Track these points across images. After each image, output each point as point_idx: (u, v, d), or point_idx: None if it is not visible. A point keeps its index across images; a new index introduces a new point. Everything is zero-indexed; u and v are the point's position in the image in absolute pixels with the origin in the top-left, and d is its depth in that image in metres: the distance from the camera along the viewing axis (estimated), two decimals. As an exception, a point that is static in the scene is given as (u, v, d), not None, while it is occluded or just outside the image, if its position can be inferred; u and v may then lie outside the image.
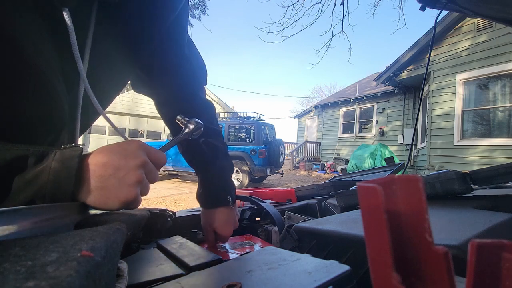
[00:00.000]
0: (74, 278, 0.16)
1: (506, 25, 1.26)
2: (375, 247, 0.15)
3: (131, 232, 0.43)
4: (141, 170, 0.40)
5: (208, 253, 0.45)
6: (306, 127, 15.62)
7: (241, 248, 0.61)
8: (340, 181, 1.22)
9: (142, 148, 0.43)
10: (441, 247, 0.15)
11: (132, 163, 0.40)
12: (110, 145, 0.42)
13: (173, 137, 0.61)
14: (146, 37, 0.61)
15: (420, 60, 7.77)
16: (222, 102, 15.51)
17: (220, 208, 0.67)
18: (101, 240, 0.24)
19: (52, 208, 0.38)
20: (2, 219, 0.29)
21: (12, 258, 0.19)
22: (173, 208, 4.29)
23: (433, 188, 0.70)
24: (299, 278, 0.31)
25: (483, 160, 6.00)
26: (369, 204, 0.16)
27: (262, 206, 0.75)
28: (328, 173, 10.60)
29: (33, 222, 0.31)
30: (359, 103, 11.72)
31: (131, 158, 0.40)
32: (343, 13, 4.98)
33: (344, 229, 0.48)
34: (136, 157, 0.41)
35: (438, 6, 1.18)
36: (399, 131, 9.99)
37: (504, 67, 5.87)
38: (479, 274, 0.16)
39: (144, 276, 0.36)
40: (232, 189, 0.72)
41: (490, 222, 0.46)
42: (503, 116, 6.02)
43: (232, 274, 0.33)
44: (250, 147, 6.97)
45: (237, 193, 0.79)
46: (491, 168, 0.72)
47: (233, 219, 0.68)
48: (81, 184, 0.38)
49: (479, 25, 6.30)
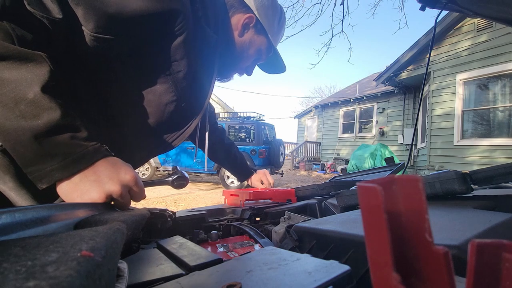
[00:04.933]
0: (74, 278, 0.16)
1: (506, 25, 1.26)
2: (375, 247, 0.15)
3: (131, 232, 0.43)
4: (108, 196, 0.49)
5: (208, 253, 0.45)
6: (306, 127, 15.62)
7: (241, 248, 0.61)
8: (340, 181, 1.22)
9: (131, 182, 0.52)
10: (441, 247, 0.15)
11: (107, 188, 0.48)
12: (118, 163, 0.52)
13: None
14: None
15: (420, 60, 7.77)
16: (222, 102, 15.52)
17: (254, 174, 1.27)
18: (101, 240, 0.24)
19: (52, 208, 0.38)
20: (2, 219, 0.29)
21: (12, 258, 0.19)
22: (173, 208, 4.29)
23: (433, 188, 0.70)
24: (299, 278, 0.31)
25: (483, 160, 5.99)
26: (369, 204, 0.16)
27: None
28: (328, 173, 10.59)
29: (33, 222, 0.31)
30: (359, 103, 11.72)
31: (112, 183, 0.49)
32: (343, 13, 4.98)
33: (344, 229, 0.48)
34: (115, 185, 0.49)
35: (438, 6, 1.18)
36: (399, 131, 9.99)
37: (504, 67, 5.87)
38: (479, 274, 0.16)
39: (144, 276, 0.36)
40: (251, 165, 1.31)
41: (490, 222, 0.46)
42: (503, 116, 6.02)
43: (232, 274, 0.33)
44: (250, 147, 6.97)
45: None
46: (491, 168, 0.72)
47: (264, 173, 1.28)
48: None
49: (479, 25, 6.30)
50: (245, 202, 0.92)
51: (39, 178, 0.46)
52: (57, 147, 0.46)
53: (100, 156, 0.50)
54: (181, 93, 0.70)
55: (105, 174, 0.49)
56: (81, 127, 0.49)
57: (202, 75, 0.76)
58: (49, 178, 0.46)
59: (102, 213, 0.48)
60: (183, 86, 0.70)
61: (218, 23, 0.75)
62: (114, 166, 0.51)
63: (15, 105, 0.44)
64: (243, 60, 0.84)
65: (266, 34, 0.82)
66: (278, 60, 0.93)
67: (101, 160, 0.50)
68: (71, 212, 0.42)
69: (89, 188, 0.47)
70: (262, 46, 0.84)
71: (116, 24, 0.53)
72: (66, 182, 0.47)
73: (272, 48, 0.87)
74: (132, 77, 0.65)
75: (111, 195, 0.49)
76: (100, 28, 0.52)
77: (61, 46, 0.54)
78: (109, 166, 0.50)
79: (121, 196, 0.50)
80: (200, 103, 0.80)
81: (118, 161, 0.53)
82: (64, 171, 0.46)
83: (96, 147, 0.50)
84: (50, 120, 0.45)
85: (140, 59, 0.63)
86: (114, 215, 0.46)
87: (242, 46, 0.81)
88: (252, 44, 0.82)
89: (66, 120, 0.47)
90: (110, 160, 0.51)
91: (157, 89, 0.67)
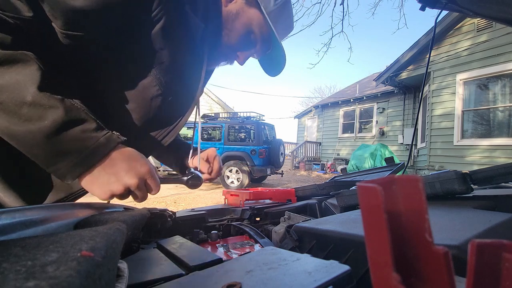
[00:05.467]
0: (74, 278, 0.16)
1: (506, 25, 1.26)
2: (375, 247, 0.15)
3: (131, 232, 0.43)
4: (126, 188, 0.51)
5: (208, 253, 0.45)
6: (306, 127, 15.62)
7: (241, 248, 0.61)
8: (340, 181, 1.22)
9: (146, 174, 0.53)
10: (441, 247, 0.15)
11: (125, 181, 0.50)
12: (133, 155, 0.53)
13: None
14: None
15: (420, 60, 7.77)
16: (222, 102, 15.52)
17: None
18: (101, 240, 0.24)
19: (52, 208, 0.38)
20: (2, 219, 0.29)
21: (12, 258, 0.19)
22: (173, 208, 4.29)
23: (433, 188, 0.70)
24: (299, 278, 0.31)
25: (483, 160, 5.99)
26: (369, 204, 0.16)
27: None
28: (328, 173, 10.59)
29: (33, 222, 0.31)
30: (359, 103, 11.72)
31: (129, 176, 0.50)
32: (343, 13, 4.98)
33: (344, 229, 0.48)
34: (132, 179, 0.50)
35: (438, 6, 1.18)
36: (399, 131, 9.98)
37: (504, 67, 5.87)
38: (479, 274, 0.16)
39: (144, 276, 0.36)
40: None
41: (490, 222, 0.46)
42: (503, 116, 6.02)
43: (232, 274, 0.33)
44: (250, 147, 6.97)
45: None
46: (491, 168, 0.72)
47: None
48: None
49: (479, 25, 6.30)
50: (245, 202, 0.92)
51: (63, 175, 0.47)
52: (70, 143, 0.47)
53: (113, 145, 0.50)
54: (166, 86, 0.65)
55: (122, 167, 0.50)
56: (87, 118, 0.49)
57: (190, 67, 0.70)
58: (72, 174, 0.47)
59: (102, 213, 0.48)
60: (168, 79, 0.65)
61: (208, 9, 0.67)
62: (130, 158, 0.52)
63: (18, 110, 0.44)
64: (228, 35, 0.70)
65: (259, 7, 0.68)
66: (280, 56, 0.78)
67: (116, 151, 0.51)
68: (71, 212, 0.42)
69: (108, 181, 0.49)
70: (253, 22, 0.70)
71: (84, 18, 0.50)
72: (87, 175, 0.49)
73: (270, 34, 0.71)
74: (115, 72, 0.61)
75: (129, 187, 0.51)
76: (68, 24, 0.50)
77: (41, 44, 0.52)
78: (125, 159, 0.51)
79: (138, 189, 0.52)
80: (191, 97, 0.74)
81: (133, 152, 0.54)
82: (83, 165, 0.48)
83: (107, 136, 0.50)
84: (56, 118, 0.46)
85: (120, 52, 0.59)
86: (114, 215, 0.46)
87: (227, 17, 0.69)
88: (239, 16, 0.69)
89: (71, 115, 0.47)
90: (126, 152, 0.52)
91: (141, 83, 0.63)
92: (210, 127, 7.79)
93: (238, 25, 0.70)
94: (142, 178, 0.52)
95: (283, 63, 0.80)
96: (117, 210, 0.55)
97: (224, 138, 7.31)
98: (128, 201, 0.58)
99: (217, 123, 7.72)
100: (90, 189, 0.50)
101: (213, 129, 7.80)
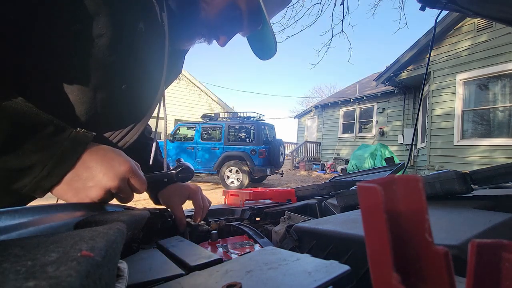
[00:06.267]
0: (74, 278, 0.16)
1: (506, 25, 1.26)
2: (375, 247, 0.15)
3: (131, 232, 0.43)
4: (106, 192, 0.44)
5: (208, 253, 0.45)
6: (306, 127, 15.62)
7: (241, 248, 0.61)
8: (340, 181, 1.22)
9: (128, 173, 0.46)
10: (441, 247, 0.15)
11: (104, 184, 0.43)
12: (108, 153, 0.45)
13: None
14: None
15: (420, 60, 7.77)
16: (222, 102, 15.52)
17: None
18: (101, 240, 0.24)
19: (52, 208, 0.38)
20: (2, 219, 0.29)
21: (12, 258, 0.19)
22: (173, 208, 4.27)
23: (433, 188, 0.70)
24: (299, 278, 0.31)
25: (483, 160, 6.00)
26: (369, 204, 0.16)
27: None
28: (328, 173, 10.60)
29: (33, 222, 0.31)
30: (359, 103, 11.72)
31: (108, 179, 0.43)
32: (343, 13, 4.98)
33: (344, 229, 0.48)
34: (112, 181, 0.44)
35: (438, 6, 1.18)
36: (399, 131, 9.99)
37: (504, 67, 5.88)
38: (479, 274, 0.16)
39: (144, 276, 0.36)
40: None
41: (490, 222, 0.46)
42: (503, 116, 6.02)
43: (232, 274, 0.33)
44: (250, 147, 6.97)
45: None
46: (491, 168, 0.72)
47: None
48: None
49: (479, 25, 6.30)
50: (245, 202, 0.92)
51: (31, 191, 0.40)
52: (29, 156, 0.38)
53: (82, 147, 0.42)
54: (110, 69, 0.50)
55: (98, 169, 0.43)
56: (41, 120, 0.40)
57: (145, 43, 0.53)
58: (41, 188, 0.40)
59: (102, 213, 0.48)
60: (112, 59, 0.49)
61: None
62: (105, 158, 0.44)
63: None
64: (206, 9, 0.56)
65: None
66: (268, 38, 0.63)
67: (88, 152, 0.43)
68: (71, 212, 0.42)
69: (84, 187, 0.43)
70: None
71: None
72: (59, 185, 0.42)
73: (259, 8, 0.56)
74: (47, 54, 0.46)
75: (109, 190, 0.44)
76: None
77: None
78: (99, 159, 0.43)
79: (120, 191, 0.46)
80: (153, 86, 0.59)
81: (109, 149, 0.46)
82: (52, 177, 0.40)
83: (72, 137, 0.42)
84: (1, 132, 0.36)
85: (45, 27, 0.44)
86: (114, 215, 0.46)
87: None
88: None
89: (15, 124, 0.38)
90: (100, 151, 0.45)
91: (75, 65, 0.47)
92: (210, 127, 7.79)
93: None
94: (123, 178, 0.45)
95: (274, 46, 0.65)
96: (117, 210, 0.55)
97: (224, 138, 7.31)
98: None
99: (217, 123, 7.72)
100: (65, 198, 0.43)
101: (213, 129, 7.80)
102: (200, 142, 7.55)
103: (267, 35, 0.62)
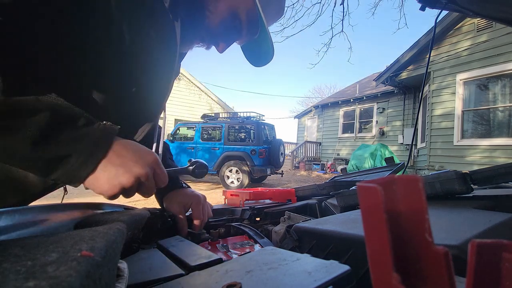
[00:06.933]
0: (74, 278, 0.16)
1: (506, 25, 1.26)
2: (375, 247, 0.15)
3: (131, 232, 0.43)
4: (137, 179, 0.46)
5: (208, 253, 0.45)
6: (306, 127, 15.63)
7: (241, 248, 0.61)
8: (340, 181, 1.22)
9: (154, 163, 0.49)
10: (441, 247, 0.15)
11: (135, 171, 0.45)
12: (135, 144, 0.48)
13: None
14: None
15: (420, 60, 7.77)
16: (222, 102, 15.52)
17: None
18: (101, 240, 0.24)
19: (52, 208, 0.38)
20: (2, 219, 0.29)
21: (12, 258, 0.19)
22: (173, 208, 4.27)
23: (433, 188, 0.70)
24: (299, 278, 0.31)
25: (483, 160, 6.00)
26: (369, 204, 0.16)
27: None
28: (328, 173, 10.60)
29: (33, 222, 0.31)
30: (359, 103, 11.72)
31: (139, 166, 0.46)
32: (343, 13, 4.98)
33: (344, 229, 0.48)
34: (142, 168, 0.46)
35: (438, 6, 1.18)
36: (399, 131, 9.99)
37: (504, 67, 5.87)
38: (479, 274, 0.16)
39: (144, 276, 0.36)
40: None
41: (490, 222, 0.46)
42: (503, 116, 6.02)
43: (232, 274, 0.33)
44: (250, 147, 6.97)
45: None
46: (491, 168, 0.72)
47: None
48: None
49: (479, 25, 6.30)
50: (245, 202, 0.92)
51: (67, 181, 0.42)
52: (67, 146, 0.41)
53: (112, 136, 0.45)
54: (123, 73, 0.55)
55: (129, 157, 0.45)
56: (75, 113, 0.43)
57: (157, 49, 0.58)
58: (77, 177, 0.42)
59: (102, 213, 0.48)
60: (128, 64, 0.54)
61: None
62: (134, 147, 0.47)
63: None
64: (209, 17, 0.60)
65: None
66: (266, 45, 0.67)
67: (118, 142, 0.46)
68: (71, 212, 0.42)
69: (116, 173, 0.44)
70: (240, 5, 0.61)
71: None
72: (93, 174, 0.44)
73: (258, 19, 0.60)
74: (73, 57, 0.50)
75: (139, 178, 0.46)
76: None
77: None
78: (130, 148, 0.46)
79: (148, 179, 0.48)
80: (162, 88, 0.64)
81: (134, 142, 0.49)
82: (88, 165, 0.42)
83: (101, 128, 0.44)
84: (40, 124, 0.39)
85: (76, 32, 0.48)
86: (114, 215, 0.46)
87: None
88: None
89: (55, 116, 0.41)
90: (126, 141, 0.48)
91: (103, 68, 0.52)
92: (210, 127, 7.79)
93: (222, 7, 0.60)
94: (151, 167, 0.48)
95: (271, 53, 0.69)
96: (117, 210, 0.55)
97: (224, 138, 7.31)
98: (128, 201, 0.58)
99: (217, 123, 7.72)
100: (97, 186, 0.44)
101: (213, 129, 7.80)
102: (200, 142, 7.55)
103: (263, 43, 0.67)
